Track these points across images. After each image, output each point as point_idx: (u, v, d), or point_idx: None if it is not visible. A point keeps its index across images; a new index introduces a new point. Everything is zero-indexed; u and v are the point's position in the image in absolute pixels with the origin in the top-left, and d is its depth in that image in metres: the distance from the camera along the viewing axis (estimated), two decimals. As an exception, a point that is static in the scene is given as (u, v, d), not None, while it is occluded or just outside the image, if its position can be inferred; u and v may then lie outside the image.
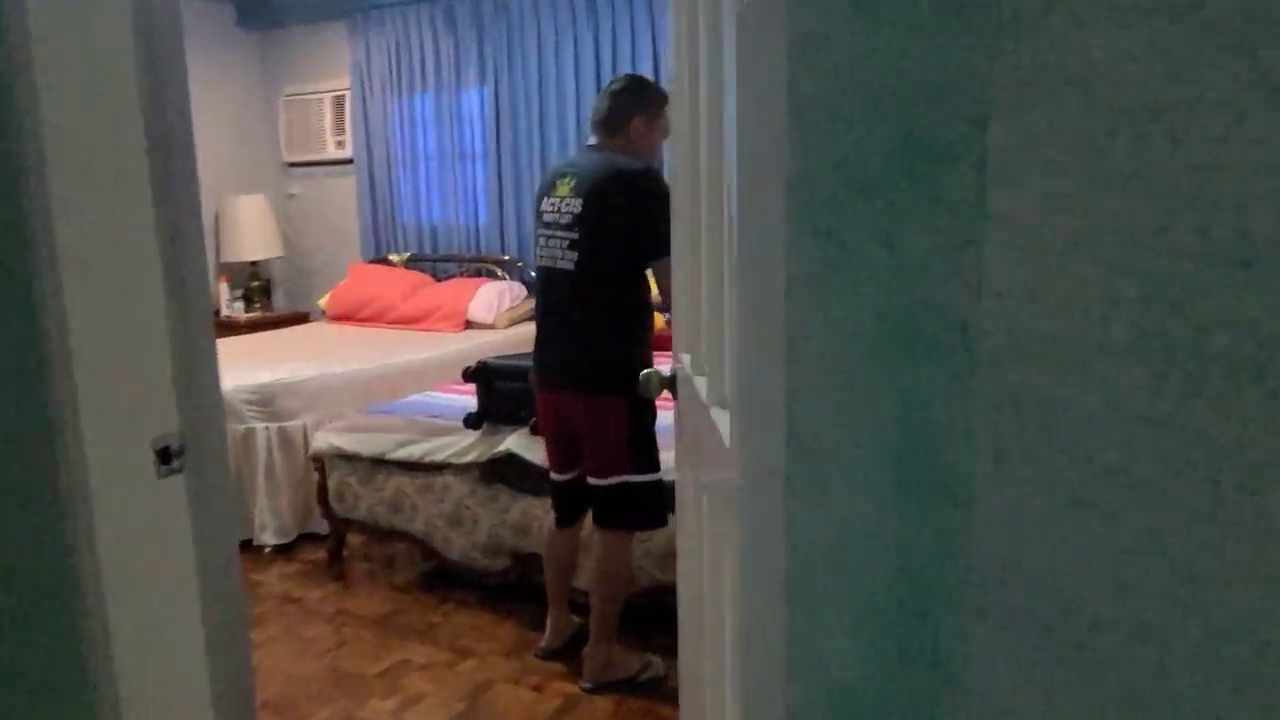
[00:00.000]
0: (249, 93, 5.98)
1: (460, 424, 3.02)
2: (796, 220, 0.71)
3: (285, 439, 3.56)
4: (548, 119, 5.02)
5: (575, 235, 2.29)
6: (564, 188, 2.36)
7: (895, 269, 0.67)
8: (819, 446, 0.73)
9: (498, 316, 4.91)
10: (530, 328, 4.95)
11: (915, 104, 0.64)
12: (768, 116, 0.72)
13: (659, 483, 2.38)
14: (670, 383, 1.55)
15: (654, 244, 2.19)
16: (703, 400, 1.24)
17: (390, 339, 4.66)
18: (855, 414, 0.70)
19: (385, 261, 5.53)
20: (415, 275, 5.30)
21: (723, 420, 1.02)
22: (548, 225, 2.39)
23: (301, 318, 5.88)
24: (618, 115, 2.32)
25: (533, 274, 5.16)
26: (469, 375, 2.96)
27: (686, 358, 1.41)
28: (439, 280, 5.39)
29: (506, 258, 5.25)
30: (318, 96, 5.78)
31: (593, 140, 2.40)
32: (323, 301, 5.40)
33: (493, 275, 5.31)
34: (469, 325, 4.94)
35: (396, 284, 5.17)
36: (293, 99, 5.88)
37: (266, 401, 3.53)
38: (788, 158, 0.71)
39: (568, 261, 2.32)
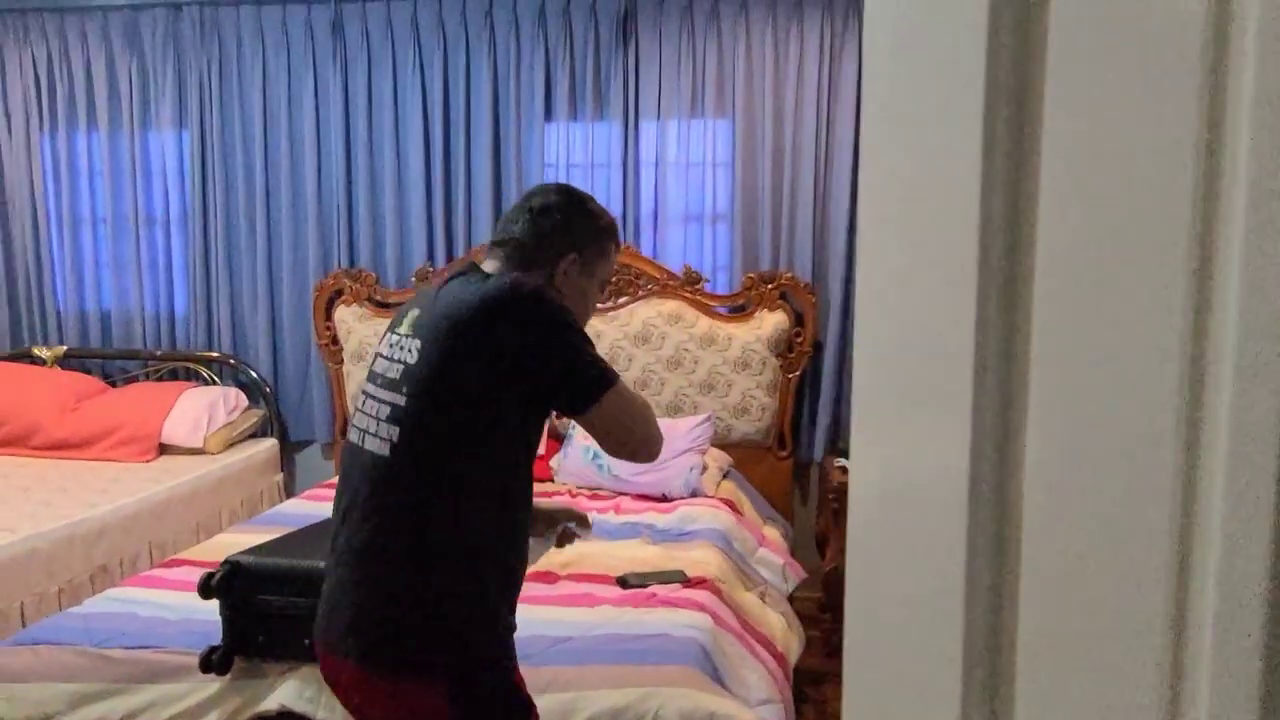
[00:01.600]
0: None
1: (191, 657, 1.85)
2: None
3: None
4: (277, 177, 3.85)
5: (402, 399, 1.34)
6: (406, 323, 1.42)
7: None
8: None
9: (209, 437, 3.60)
10: (262, 450, 3.76)
11: None
12: None
13: None
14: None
15: (579, 385, 1.33)
16: None
17: (41, 480, 3.19)
18: None
19: (30, 358, 3.96)
20: (78, 379, 3.81)
21: None
22: (373, 377, 1.43)
23: (-115, 438, 4.06)
24: (541, 245, 1.44)
25: (254, 375, 3.95)
26: (211, 589, 1.81)
27: None
28: (115, 386, 3.93)
29: (215, 355, 3.95)
30: (-82, 126, 4.09)
31: (487, 265, 1.47)
32: (-78, 418, 3.71)
33: (197, 379, 3.97)
34: (164, 450, 3.58)
35: (48, 391, 3.66)
36: (-125, 127, 4.12)
37: None
38: None
39: (381, 440, 1.35)
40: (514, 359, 1.31)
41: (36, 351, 3.96)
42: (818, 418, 3.62)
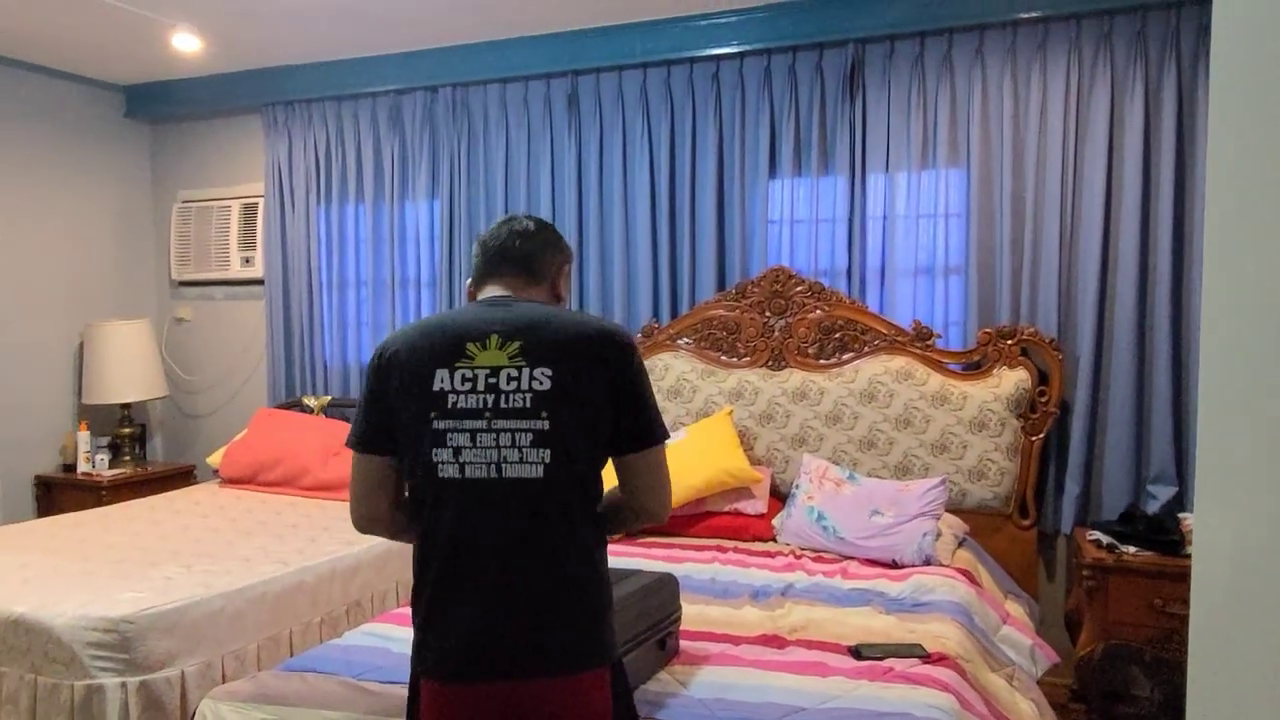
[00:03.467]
0: (134, 195, 4.89)
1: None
2: None
3: (150, 701, 2.36)
4: (515, 238, 4.10)
5: (545, 424, 1.47)
6: (491, 353, 1.49)
7: None
8: None
9: (449, 484, 3.82)
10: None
11: None
12: None
13: None
14: None
15: (654, 424, 1.57)
16: None
17: (307, 518, 3.51)
18: None
19: (299, 406, 4.41)
20: (339, 426, 4.18)
21: None
22: (465, 414, 1.48)
23: (185, 474, 4.65)
24: (543, 260, 1.67)
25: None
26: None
27: None
28: (369, 433, 4.29)
29: (456, 405, 4.21)
30: (222, 203, 4.73)
31: (499, 289, 1.63)
32: (215, 458, 4.21)
33: (439, 427, 4.25)
34: (410, 494, 3.84)
35: (314, 438, 4.05)
36: (190, 205, 4.81)
37: (122, 644, 2.35)
38: None
39: (529, 464, 1.47)
40: (622, 392, 1.52)
41: (306, 400, 4.40)
42: (1065, 485, 3.32)
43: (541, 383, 1.47)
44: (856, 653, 2.19)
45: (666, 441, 1.59)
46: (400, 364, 1.53)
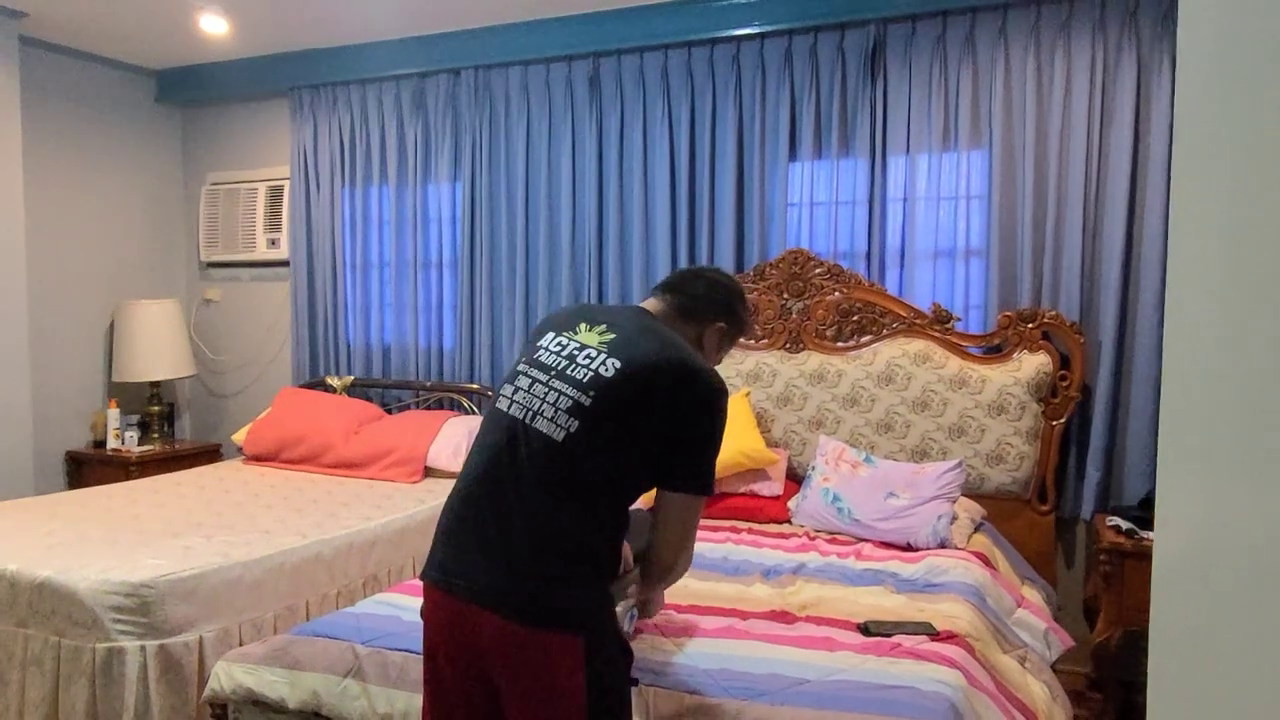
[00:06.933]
0: (164, 178, 4.97)
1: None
2: None
3: (169, 664, 2.41)
4: (535, 222, 4.13)
5: (587, 400, 1.57)
6: (590, 334, 1.68)
7: None
8: None
9: (467, 463, 3.85)
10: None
11: None
12: None
13: None
14: None
15: (693, 472, 1.61)
16: None
17: (327, 494, 3.56)
18: None
19: (322, 385, 4.47)
20: (360, 405, 4.24)
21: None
22: (540, 365, 1.66)
23: (211, 452, 4.73)
24: (704, 305, 1.81)
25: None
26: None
27: None
28: (390, 413, 4.34)
29: (475, 387, 4.25)
30: (250, 186, 4.79)
31: (650, 305, 1.81)
32: (239, 435, 4.28)
33: (459, 408, 4.30)
34: (428, 473, 3.88)
35: (336, 416, 4.10)
36: (218, 188, 4.88)
37: (142, 608, 2.39)
38: None
39: (556, 425, 1.57)
40: (678, 424, 1.56)
41: (329, 380, 4.46)
42: (1086, 470, 3.28)
43: (607, 369, 1.58)
44: (865, 629, 2.18)
45: (708, 495, 1.62)
46: (539, 325, 1.78)
